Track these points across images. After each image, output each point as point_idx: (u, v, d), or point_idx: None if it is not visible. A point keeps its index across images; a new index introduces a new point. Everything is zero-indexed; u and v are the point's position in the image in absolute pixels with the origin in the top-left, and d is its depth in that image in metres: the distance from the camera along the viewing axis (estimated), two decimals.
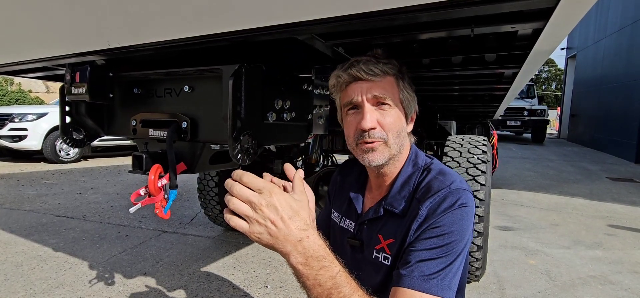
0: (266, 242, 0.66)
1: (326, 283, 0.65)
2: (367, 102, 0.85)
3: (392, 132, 0.86)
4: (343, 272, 0.68)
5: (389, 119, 0.85)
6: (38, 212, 3.82)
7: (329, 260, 0.67)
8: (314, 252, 0.66)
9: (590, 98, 12.97)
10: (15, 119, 6.70)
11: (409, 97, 0.89)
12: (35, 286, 2.25)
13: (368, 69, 0.83)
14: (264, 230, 0.65)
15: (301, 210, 0.69)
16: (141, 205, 0.98)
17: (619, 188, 5.77)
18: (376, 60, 0.85)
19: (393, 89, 0.86)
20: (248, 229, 0.65)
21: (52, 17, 0.93)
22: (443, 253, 0.76)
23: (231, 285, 2.35)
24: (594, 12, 13.00)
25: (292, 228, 0.65)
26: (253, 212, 0.65)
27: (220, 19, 0.74)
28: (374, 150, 0.86)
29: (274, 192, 0.66)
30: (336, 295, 0.65)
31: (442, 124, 3.35)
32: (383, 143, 0.86)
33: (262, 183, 0.67)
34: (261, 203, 0.65)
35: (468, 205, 0.81)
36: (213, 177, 2.86)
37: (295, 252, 0.65)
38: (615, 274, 2.64)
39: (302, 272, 0.66)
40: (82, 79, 1.12)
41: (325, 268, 0.66)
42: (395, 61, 0.88)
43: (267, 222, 0.64)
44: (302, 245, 0.65)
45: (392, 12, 0.60)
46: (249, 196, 0.65)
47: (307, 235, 0.66)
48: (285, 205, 0.66)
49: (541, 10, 0.66)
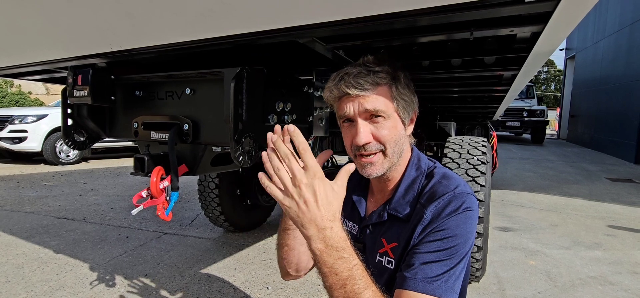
0: (293, 216, 0.68)
1: (342, 273, 0.67)
2: (360, 116, 0.82)
3: (390, 142, 0.84)
4: (360, 266, 0.70)
5: (384, 131, 0.83)
6: (38, 213, 3.82)
7: (348, 252, 0.69)
8: (334, 243, 0.68)
9: (589, 99, 12.98)
10: (15, 120, 6.70)
11: (405, 101, 0.85)
12: (36, 288, 2.25)
13: (357, 83, 0.80)
14: (294, 206, 0.67)
15: (335, 201, 0.71)
16: (143, 207, 0.98)
17: (619, 188, 5.78)
18: (367, 70, 0.81)
19: (386, 100, 0.82)
20: (281, 199, 0.68)
21: (55, 20, 0.93)
22: (447, 256, 0.77)
23: (232, 286, 2.36)
24: (593, 13, 13.02)
25: (321, 215, 0.67)
26: (292, 186, 0.67)
27: (222, 22, 0.75)
28: (372, 164, 0.85)
29: (318, 175, 0.68)
30: (350, 286, 0.67)
31: (441, 125, 3.36)
32: (381, 154, 0.84)
33: (311, 160, 0.68)
34: (302, 181, 0.67)
35: (472, 209, 0.81)
36: (213, 179, 2.87)
37: (316, 237, 0.68)
38: (615, 275, 2.64)
39: (319, 258, 0.68)
40: (84, 81, 1.13)
41: (343, 259, 0.68)
42: (387, 66, 0.83)
43: (300, 201, 0.67)
44: (324, 233, 0.68)
45: (392, 16, 0.61)
46: (295, 170, 0.67)
47: (331, 226, 0.69)
48: (323, 192, 0.68)
49: (539, 14, 0.66)
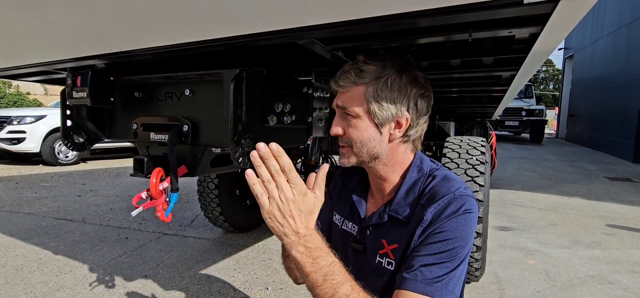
0: (275, 227, 0.72)
1: (322, 269, 0.72)
2: (337, 109, 0.90)
3: (355, 142, 0.87)
4: (337, 263, 0.74)
5: (350, 129, 0.88)
6: (37, 214, 3.81)
7: (325, 251, 0.74)
8: (313, 245, 0.73)
9: (588, 98, 13.02)
10: (13, 121, 6.68)
11: (382, 105, 0.83)
12: (36, 289, 2.25)
13: (339, 79, 0.87)
14: (280, 217, 0.71)
15: (315, 209, 0.76)
16: (143, 208, 0.98)
17: (617, 188, 5.79)
18: (354, 68, 0.86)
19: (357, 100, 0.85)
20: (267, 208, 0.72)
21: (54, 22, 0.93)
22: (446, 258, 0.77)
23: (232, 287, 2.36)
24: (591, 12, 13.06)
25: (304, 226, 0.73)
26: (279, 200, 0.71)
27: (221, 24, 0.75)
28: (342, 155, 0.92)
29: (302, 191, 0.73)
30: (330, 281, 0.71)
31: (440, 125, 3.37)
32: (349, 148, 0.90)
33: (298, 179, 0.73)
34: (289, 199, 0.71)
35: (472, 211, 0.81)
36: (213, 180, 2.86)
37: (298, 243, 0.72)
38: (614, 274, 2.65)
39: (301, 260, 0.72)
40: (83, 83, 1.13)
41: (321, 257, 0.73)
42: (375, 67, 0.84)
43: (286, 215, 0.71)
44: (305, 239, 0.73)
45: (391, 18, 0.61)
46: (283, 186, 0.71)
47: (311, 233, 0.74)
48: (307, 207, 0.74)
49: (538, 15, 0.67)
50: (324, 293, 0.71)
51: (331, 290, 0.70)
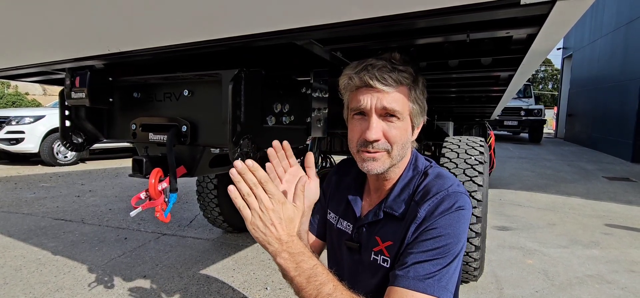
0: (259, 236, 0.75)
1: (305, 272, 0.74)
2: (375, 112, 0.82)
3: (397, 144, 0.85)
4: (320, 265, 0.76)
5: (395, 132, 0.84)
6: (36, 215, 3.81)
7: (308, 255, 0.76)
8: (296, 250, 0.75)
9: (586, 97, 13.04)
10: (12, 121, 6.67)
11: (419, 108, 0.87)
12: (35, 290, 2.25)
13: (381, 77, 0.79)
14: (262, 227, 0.74)
15: (296, 218, 0.79)
16: (142, 208, 0.98)
17: (616, 187, 5.81)
18: (392, 66, 0.81)
19: (404, 101, 0.83)
20: (250, 220, 0.74)
21: (53, 22, 0.93)
22: (439, 255, 0.77)
23: (231, 287, 2.36)
24: (589, 12, 13.08)
25: (286, 233, 0.75)
26: (259, 210, 0.74)
27: (220, 25, 0.75)
28: (375, 160, 0.85)
29: (281, 201, 0.75)
30: (313, 282, 0.73)
31: (439, 125, 3.37)
32: (386, 153, 0.85)
33: (275, 189, 0.75)
34: (268, 208, 0.74)
35: (465, 208, 0.82)
36: (212, 180, 2.86)
37: (281, 250, 0.74)
38: (612, 273, 2.66)
39: (285, 266, 0.74)
40: (82, 83, 1.13)
41: (304, 261, 0.75)
42: (411, 68, 0.84)
43: (268, 224, 0.74)
44: (288, 245, 0.75)
45: (390, 19, 0.61)
46: (262, 197, 0.74)
47: (293, 239, 0.76)
48: (287, 215, 0.76)
49: (535, 16, 0.67)
50: (308, 294, 0.73)
51: (315, 291, 0.72)
